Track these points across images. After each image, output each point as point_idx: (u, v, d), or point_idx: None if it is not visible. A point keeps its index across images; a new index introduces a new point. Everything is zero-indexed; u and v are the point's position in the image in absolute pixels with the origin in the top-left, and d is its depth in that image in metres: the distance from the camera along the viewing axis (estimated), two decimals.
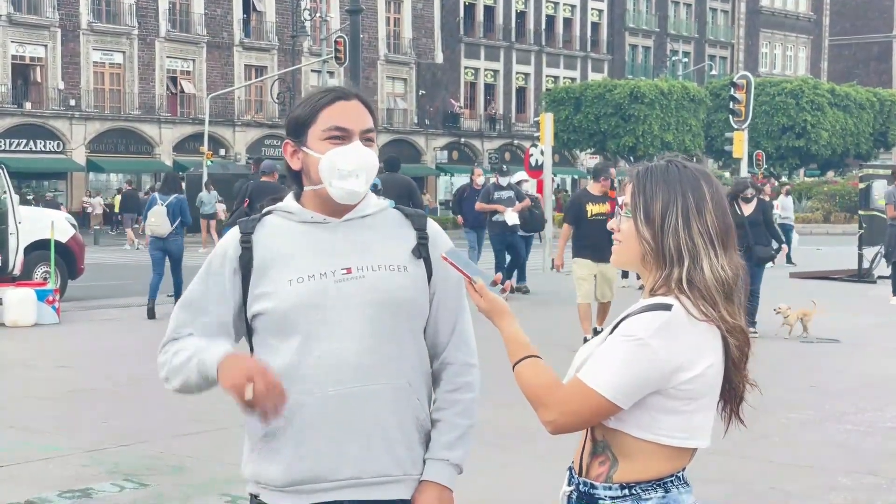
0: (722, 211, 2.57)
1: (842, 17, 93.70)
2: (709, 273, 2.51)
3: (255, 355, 2.84)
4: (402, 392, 2.80)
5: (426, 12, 63.91)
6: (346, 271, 2.79)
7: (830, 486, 6.96)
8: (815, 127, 60.15)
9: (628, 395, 2.47)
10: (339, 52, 39.26)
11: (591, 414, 2.51)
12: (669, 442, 2.53)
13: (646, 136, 54.51)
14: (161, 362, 2.90)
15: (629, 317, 2.53)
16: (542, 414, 2.56)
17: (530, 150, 31.75)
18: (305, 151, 2.83)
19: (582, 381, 2.50)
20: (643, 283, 2.65)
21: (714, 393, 2.57)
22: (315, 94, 2.87)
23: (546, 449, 6.30)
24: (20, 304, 14.54)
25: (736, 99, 30.35)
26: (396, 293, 2.80)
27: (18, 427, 8.53)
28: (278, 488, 2.80)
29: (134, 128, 52.37)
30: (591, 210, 12.24)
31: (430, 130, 63.37)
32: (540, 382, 2.57)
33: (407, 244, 2.88)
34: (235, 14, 55.78)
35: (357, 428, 2.75)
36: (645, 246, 2.56)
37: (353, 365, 2.74)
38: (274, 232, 2.85)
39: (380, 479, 2.79)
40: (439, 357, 2.93)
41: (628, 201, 2.61)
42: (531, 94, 69.49)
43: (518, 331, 2.67)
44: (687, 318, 2.48)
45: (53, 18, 49.65)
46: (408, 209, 2.97)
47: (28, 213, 17.82)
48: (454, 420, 2.89)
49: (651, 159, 2.75)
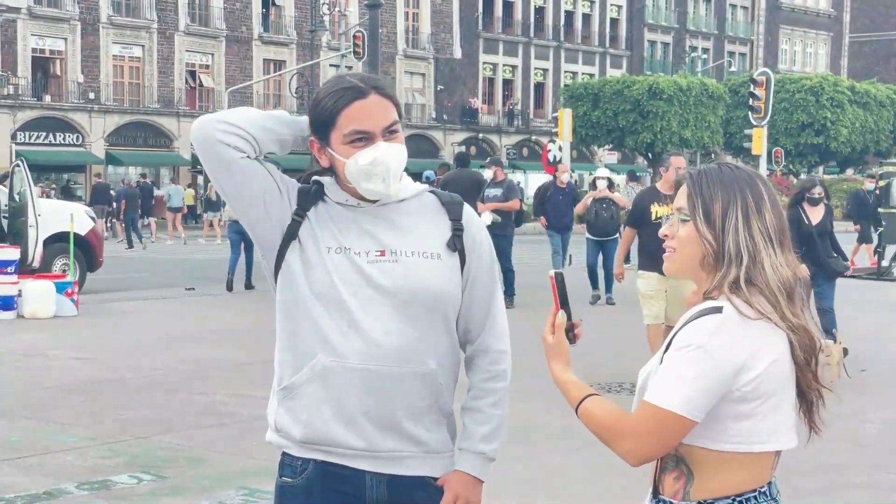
0: (778, 210, 2.53)
1: (862, 14, 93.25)
2: (770, 272, 2.46)
3: (278, 301, 2.88)
4: (426, 378, 2.83)
5: (445, 7, 63.86)
6: (379, 253, 2.80)
7: (846, 484, 6.95)
8: (835, 124, 59.89)
9: (700, 406, 2.40)
10: (358, 47, 39.30)
11: (667, 434, 2.43)
12: (743, 449, 2.45)
13: (664, 133, 54.34)
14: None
15: (683, 327, 2.47)
16: (617, 446, 2.47)
17: (548, 145, 31.79)
18: (331, 153, 2.83)
19: (650, 403, 2.43)
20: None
21: (785, 391, 2.49)
22: (332, 92, 2.81)
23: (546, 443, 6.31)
24: (39, 296, 14.61)
25: (755, 95, 30.28)
26: (428, 281, 2.81)
27: (37, 418, 8.58)
28: (297, 443, 2.85)
29: (153, 121, 52.50)
30: (657, 212, 10.14)
31: (448, 125, 63.33)
32: (607, 416, 2.49)
33: (442, 232, 2.88)
34: (255, 8, 55.86)
35: (376, 405, 2.79)
36: (707, 247, 2.50)
37: (380, 344, 2.77)
38: (321, 205, 2.87)
39: (394, 454, 2.83)
40: (473, 343, 2.95)
41: (681, 205, 2.56)
42: (549, 90, 69.37)
43: (569, 374, 2.61)
44: (740, 317, 2.42)
45: (73, 12, 49.80)
46: (445, 195, 2.96)
47: (47, 205, 17.90)
48: (490, 411, 2.92)
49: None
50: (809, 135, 59.94)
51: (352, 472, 2.83)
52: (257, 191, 2.81)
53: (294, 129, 2.88)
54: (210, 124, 2.77)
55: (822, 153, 61.94)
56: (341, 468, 2.83)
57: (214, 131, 2.76)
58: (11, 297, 14.54)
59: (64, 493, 6.57)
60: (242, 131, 2.77)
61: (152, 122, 52.51)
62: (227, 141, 2.75)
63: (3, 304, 14.45)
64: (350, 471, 2.83)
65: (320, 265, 2.80)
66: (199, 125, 2.79)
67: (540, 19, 69.09)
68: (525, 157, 65.59)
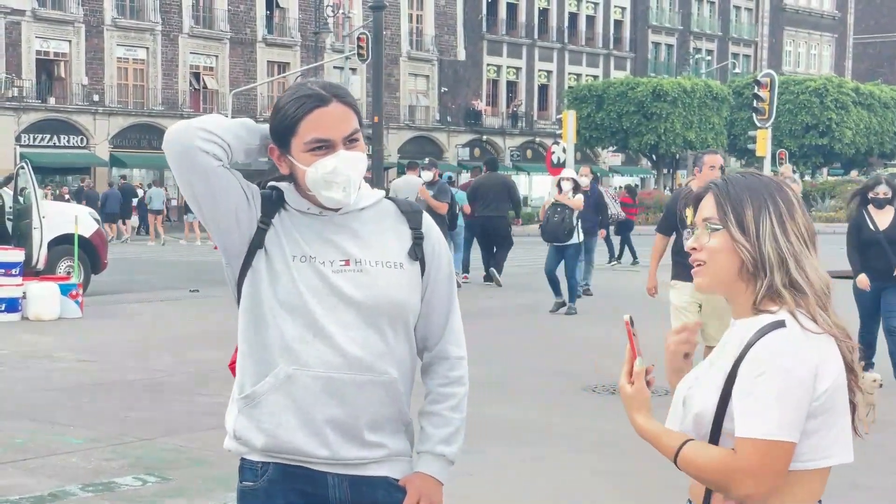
0: (806, 213, 2.50)
1: (866, 15, 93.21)
2: (814, 274, 2.43)
3: (241, 309, 2.88)
4: (389, 386, 2.84)
5: (449, 9, 63.87)
6: (344, 262, 2.81)
7: (852, 484, 6.93)
8: (839, 125, 59.87)
9: (796, 425, 2.34)
10: (362, 49, 39.34)
11: (779, 464, 2.35)
12: (812, 466, 2.41)
13: (668, 135, 54.34)
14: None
15: (749, 349, 2.40)
16: (736, 490, 2.38)
17: (552, 147, 31.74)
18: (291, 161, 2.81)
19: (750, 438, 2.34)
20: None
21: (844, 402, 2.44)
22: (293, 100, 2.78)
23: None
24: (44, 298, 14.62)
25: (759, 97, 30.26)
26: (391, 290, 2.83)
27: (41, 420, 8.58)
28: (258, 451, 2.86)
29: (157, 123, 52.49)
30: (692, 215, 9.44)
31: (452, 127, 63.33)
32: (713, 461, 2.39)
33: (403, 241, 2.89)
34: (259, 10, 55.88)
35: (338, 413, 2.79)
36: (745, 255, 2.45)
37: (343, 353, 2.77)
38: (280, 210, 2.86)
39: (357, 461, 2.84)
40: (431, 350, 2.98)
41: (709, 215, 2.52)
42: (553, 92, 69.36)
43: (656, 423, 2.52)
44: (802, 331, 2.37)
45: (77, 14, 49.83)
46: (403, 203, 2.98)
47: (52, 207, 17.92)
48: (448, 415, 2.95)
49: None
50: (814, 136, 59.92)
51: (314, 473, 2.84)
52: (233, 200, 2.79)
53: (260, 137, 2.85)
54: (190, 132, 2.72)
55: (827, 155, 61.90)
56: (304, 469, 2.84)
57: (195, 139, 2.70)
58: (16, 298, 14.56)
59: (68, 494, 6.57)
60: (219, 139, 2.74)
61: (156, 124, 52.50)
62: (207, 149, 2.71)
63: (8, 306, 14.47)
64: (312, 471, 2.84)
65: (286, 274, 2.79)
66: (178, 132, 2.73)
67: (544, 21, 69.09)
68: (529, 159, 65.61)
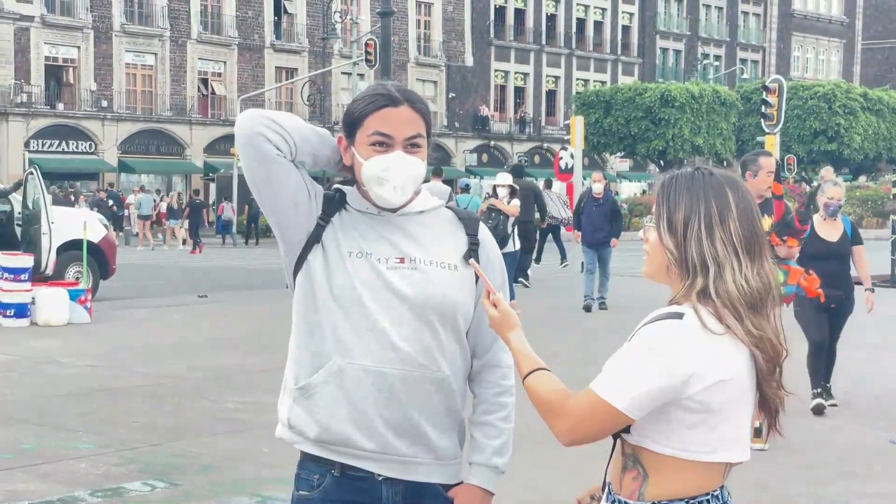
0: (748, 219, 2.50)
1: (875, 21, 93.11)
2: (731, 283, 2.45)
3: (296, 300, 2.93)
4: (440, 383, 2.88)
5: (456, 15, 63.93)
6: (399, 260, 2.87)
7: (861, 492, 6.93)
8: (848, 131, 59.75)
9: (640, 405, 2.42)
10: (370, 55, 39.34)
11: (603, 424, 2.47)
12: (692, 457, 2.48)
13: (676, 140, 54.29)
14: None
15: (643, 326, 2.49)
16: (553, 425, 2.52)
17: (560, 153, 31.74)
18: (353, 152, 2.90)
19: (593, 392, 2.46)
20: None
21: (742, 406, 2.50)
22: (367, 96, 2.90)
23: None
24: (53, 303, 14.65)
25: (768, 103, 30.19)
26: (445, 290, 2.88)
27: (50, 425, 8.59)
28: (311, 441, 2.89)
29: (165, 129, 52.63)
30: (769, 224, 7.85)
31: (460, 133, 63.36)
32: (550, 394, 2.53)
33: (458, 246, 2.95)
34: (267, 16, 55.99)
35: (387, 408, 2.83)
36: (668, 256, 2.52)
37: (395, 348, 2.82)
38: (341, 210, 2.93)
39: (406, 459, 2.86)
40: (482, 357, 3.01)
41: (652, 212, 2.60)
42: (561, 98, 69.38)
43: (526, 344, 2.67)
44: (700, 327, 2.43)
45: (86, 20, 49.96)
46: (461, 211, 3.05)
47: (61, 213, 17.95)
48: (501, 425, 2.99)
49: (680, 166, 2.73)
50: (822, 142, 59.80)
51: (368, 483, 2.87)
52: (291, 189, 2.86)
53: (332, 151, 2.95)
54: (256, 118, 2.83)
55: (835, 160, 61.67)
56: (358, 480, 2.86)
57: (258, 124, 2.81)
58: (25, 304, 14.58)
59: (77, 500, 6.58)
60: (285, 132, 2.83)
61: (165, 130, 52.64)
62: (268, 136, 2.81)
63: (17, 312, 14.49)
64: (367, 481, 2.87)
65: (341, 268, 2.85)
66: (246, 116, 2.85)
67: (551, 27, 69.12)
68: (537, 165, 65.59)
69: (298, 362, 2.92)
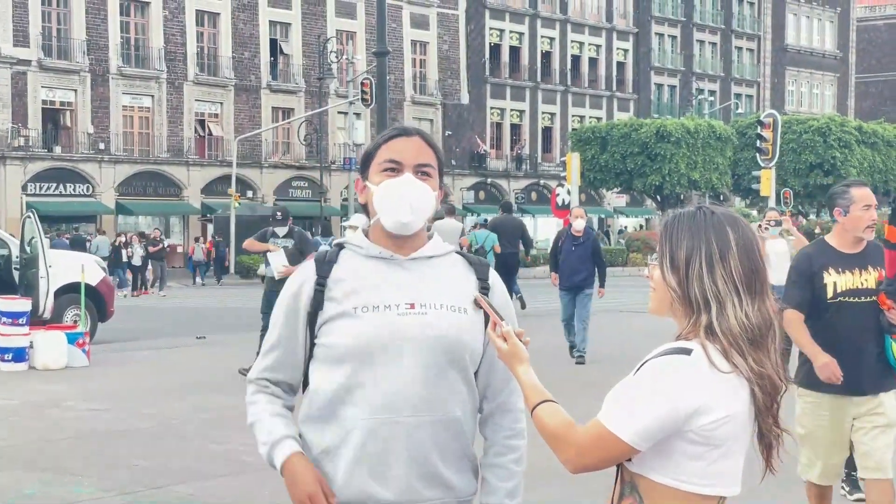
0: (749, 256, 2.57)
1: (868, 55, 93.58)
2: (733, 319, 2.52)
3: (311, 375, 2.98)
4: (452, 425, 2.92)
5: (452, 53, 64.21)
6: (409, 306, 2.90)
7: None
8: (844, 164, 59.90)
9: (645, 437, 2.49)
10: (366, 94, 39.50)
11: (608, 454, 2.54)
12: (690, 488, 2.53)
13: (672, 175, 54.40)
14: (246, 402, 3.10)
15: (651, 359, 2.55)
16: (560, 454, 2.59)
17: (557, 189, 31.82)
18: (367, 185, 2.98)
19: (600, 423, 2.53)
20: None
21: (741, 441, 2.57)
22: (383, 132, 3.05)
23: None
24: (51, 346, 14.60)
25: (763, 137, 30.33)
26: (455, 333, 2.91)
27: (52, 470, 8.54)
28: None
29: (162, 170, 52.70)
30: (835, 284, 5.85)
31: (457, 171, 63.47)
32: (557, 424, 2.60)
33: (469, 289, 2.99)
34: (263, 57, 56.20)
35: (406, 456, 2.86)
36: (672, 293, 2.59)
37: (407, 396, 2.86)
38: (344, 266, 2.97)
39: (428, 501, 2.91)
40: (494, 400, 3.05)
41: (656, 250, 2.67)
42: (557, 134, 69.58)
43: (534, 377, 2.73)
44: (707, 364, 2.49)
45: (83, 63, 50.13)
46: (472, 257, 3.12)
47: (58, 256, 17.94)
48: (513, 467, 3.03)
49: (677, 200, 2.77)
50: (818, 175, 59.90)
51: None
52: (299, 357, 3.02)
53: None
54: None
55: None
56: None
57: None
58: (23, 348, 14.53)
59: None
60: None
61: (162, 172, 52.71)
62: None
63: (15, 356, 14.44)
64: None
65: (350, 325, 2.89)
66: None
67: (546, 64, 69.42)
68: (534, 202, 65.71)
69: (314, 421, 2.96)
